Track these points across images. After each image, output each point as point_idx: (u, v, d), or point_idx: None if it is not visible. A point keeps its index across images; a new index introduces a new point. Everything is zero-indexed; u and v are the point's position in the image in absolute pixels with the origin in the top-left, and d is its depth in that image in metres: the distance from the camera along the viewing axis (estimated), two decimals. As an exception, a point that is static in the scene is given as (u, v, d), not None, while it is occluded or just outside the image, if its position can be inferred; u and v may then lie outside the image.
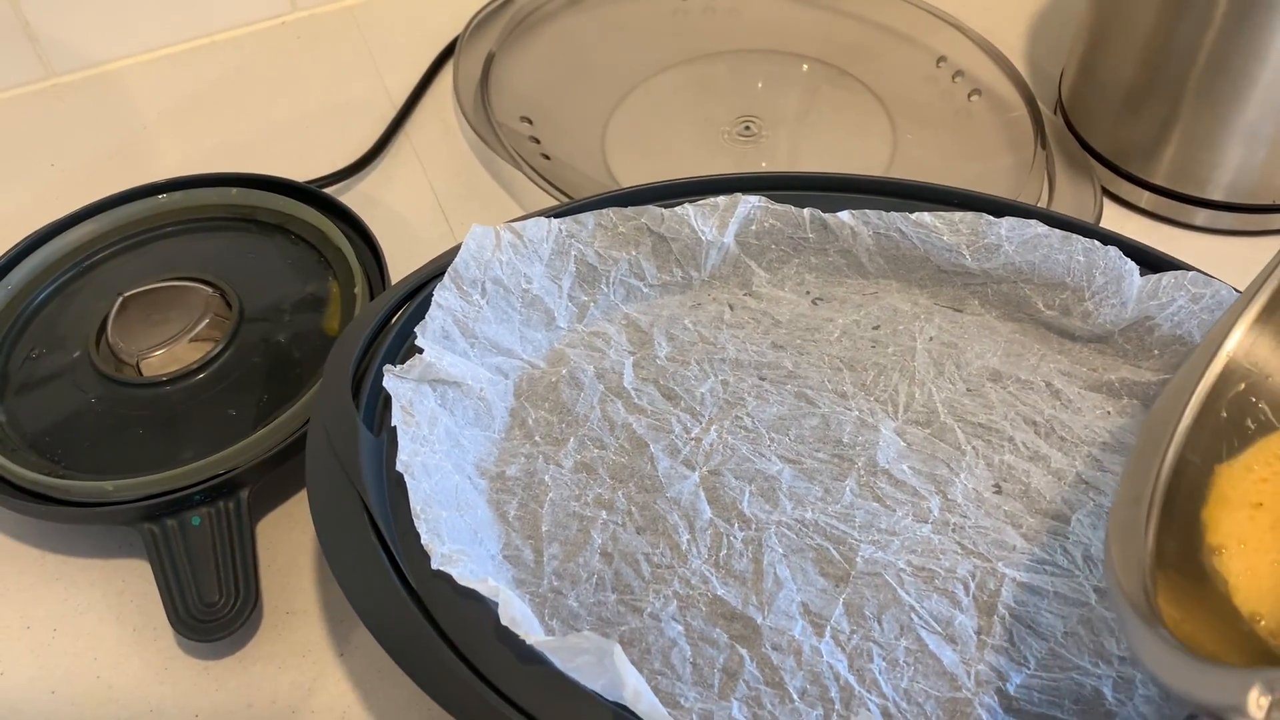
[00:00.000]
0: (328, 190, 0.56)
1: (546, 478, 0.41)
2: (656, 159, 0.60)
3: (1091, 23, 0.57)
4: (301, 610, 0.43)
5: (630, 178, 0.57)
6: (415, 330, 0.41)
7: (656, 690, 0.35)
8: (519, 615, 0.33)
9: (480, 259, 0.43)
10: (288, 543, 0.45)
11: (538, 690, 0.33)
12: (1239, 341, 0.33)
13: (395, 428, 0.38)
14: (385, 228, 0.53)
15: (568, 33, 0.67)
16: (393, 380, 0.39)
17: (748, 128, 0.61)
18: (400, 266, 0.51)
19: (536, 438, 0.42)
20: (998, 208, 0.46)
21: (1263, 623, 0.27)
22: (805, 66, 0.65)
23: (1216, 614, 0.27)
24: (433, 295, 0.42)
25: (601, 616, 0.37)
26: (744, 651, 0.36)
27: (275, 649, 0.42)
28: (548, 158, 0.58)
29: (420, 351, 0.40)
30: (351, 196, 0.58)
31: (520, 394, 0.43)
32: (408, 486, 0.36)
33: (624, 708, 0.32)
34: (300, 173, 0.56)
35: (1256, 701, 0.20)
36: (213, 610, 0.41)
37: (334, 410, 0.38)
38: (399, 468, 0.37)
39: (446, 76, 0.66)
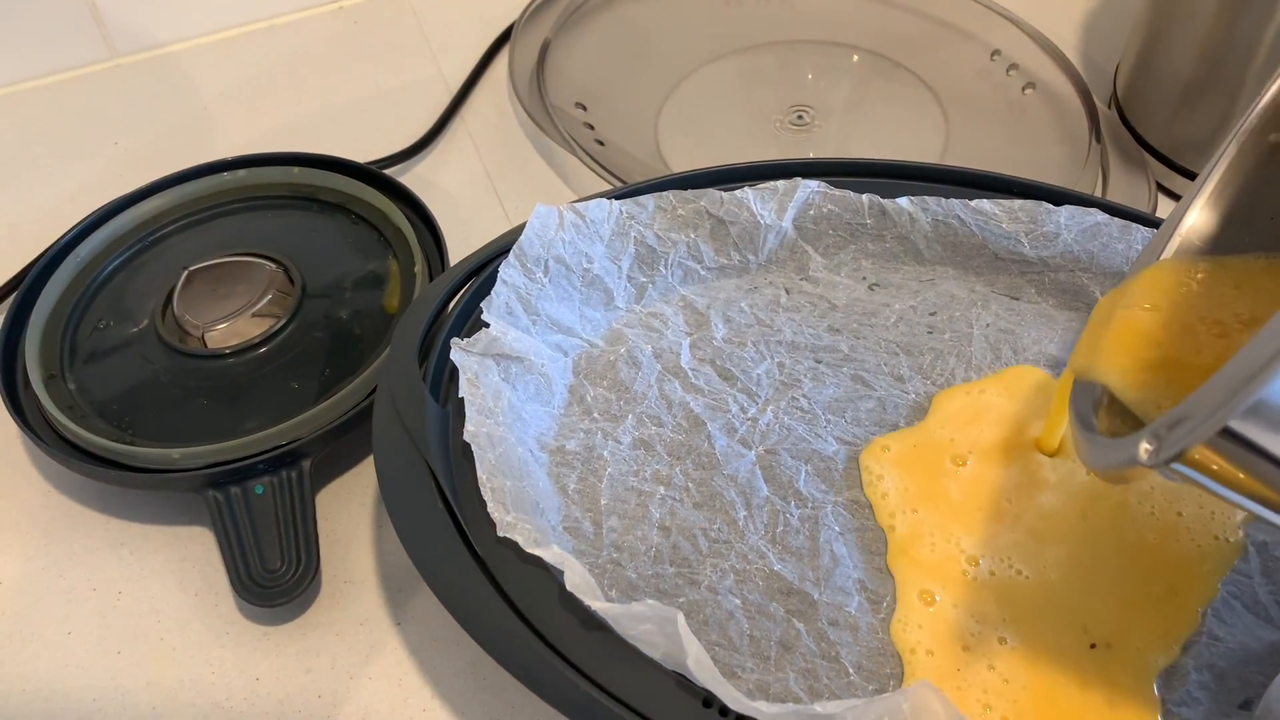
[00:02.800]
0: (386, 172, 0.57)
1: (605, 453, 0.41)
2: (709, 146, 0.61)
3: (1148, 17, 0.57)
4: (359, 580, 0.44)
5: (683, 164, 0.58)
6: (481, 305, 0.42)
7: (714, 660, 0.35)
8: (582, 582, 0.33)
9: (544, 237, 0.44)
10: (346, 514, 0.46)
11: (600, 656, 0.33)
12: (1191, 223, 0.37)
13: (462, 399, 0.38)
14: (441, 209, 0.54)
15: (622, 21, 0.67)
16: (459, 353, 0.40)
17: (800, 117, 0.62)
18: (456, 248, 0.52)
19: (595, 414, 0.43)
20: (1058, 197, 0.47)
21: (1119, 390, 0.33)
22: (856, 57, 0.66)
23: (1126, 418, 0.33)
24: (498, 272, 0.43)
25: (659, 588, 0.38)
26: (800, 626, 0.37)
27: (333, 617, 0.43)
28: (602, 143, 0.59)
29: (486, 326, 0.41)
30: (408, 178, 0.59)
31: (579, 371, 0.44)
32: (474, 456, 0.37)
33: (683, 676, 0.33)
34: (357, 155, 0.57)
35: (1144, 449, 0.26)
36: (274, 576, 0.42)
37: (402, 381, 0.39)
38: (466, 438, 0.37)
39: (502, 62, 0.67)
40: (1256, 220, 0.35)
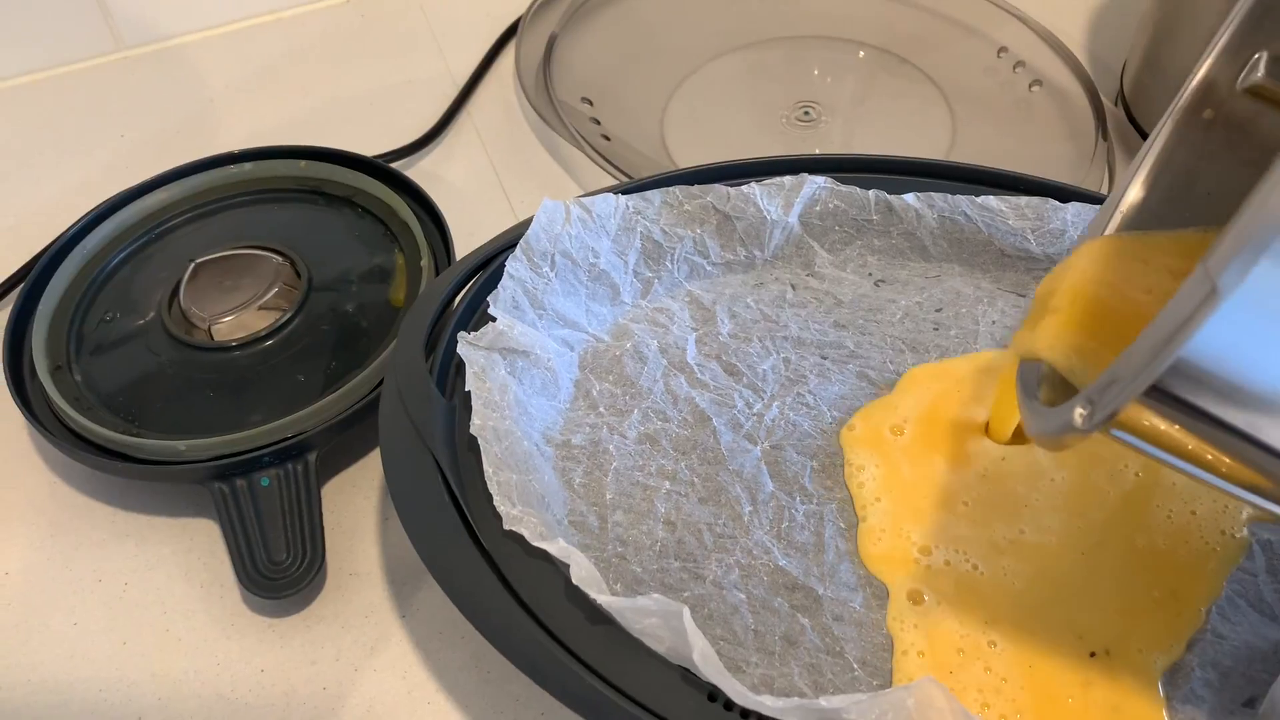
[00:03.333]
0: (392, 166, 0.57)
1: (611, 447, 0.41)
2: (715, 142, 0.61)
3: (1155, 15, 0.57)
4: (364, 572, 0.44)
5: (689, 159, 0.58)
6: (488, 299, 0.42)
7: (719, 655, 0.35)
8: (588, 576, 0.33)
9: (550, 232, 0.44)
10: (351, 507, 0.46)
11: (605, 650, 0.33)
12: (1132, 200, 0.37)
13: (469, 392, 0.39)
14: (447, 204, 0.54)
15: (629, 16, 0.67)
16: (466, 347, 0.40)
17: (807, 113, 0.62)
18: (461, 242, 0.52)
19: (601, 409, 0.43)
20: (1064, 193, 0.47)
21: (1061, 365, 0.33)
22: (863, 54, 0.66)
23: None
24: (505, 266, 0.43)
25: (665, 583, 0.38)
26: (805, 621, 0.37)
27: (338, 609, 0.43)
28: (608, 138, 0.59)
29: (492, 320, 0.41)
30: (414, 173, 0.59)
31: (585, 366, 0.44)
32: (480, 449, 0.37)
33: (689, 670, 0.33)
34: (364, 149, 0.57)
35: (1078, 414, 0.27)
36: (280, 568, 0.42)
37: (408, 374, 0.39)
38: (473, 431, 0.37)
39: (508, 57, 0.67)
40: (1194, 196, 0.36)
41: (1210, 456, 0.27)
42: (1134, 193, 0.37)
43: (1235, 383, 0.24)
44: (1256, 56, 0.34)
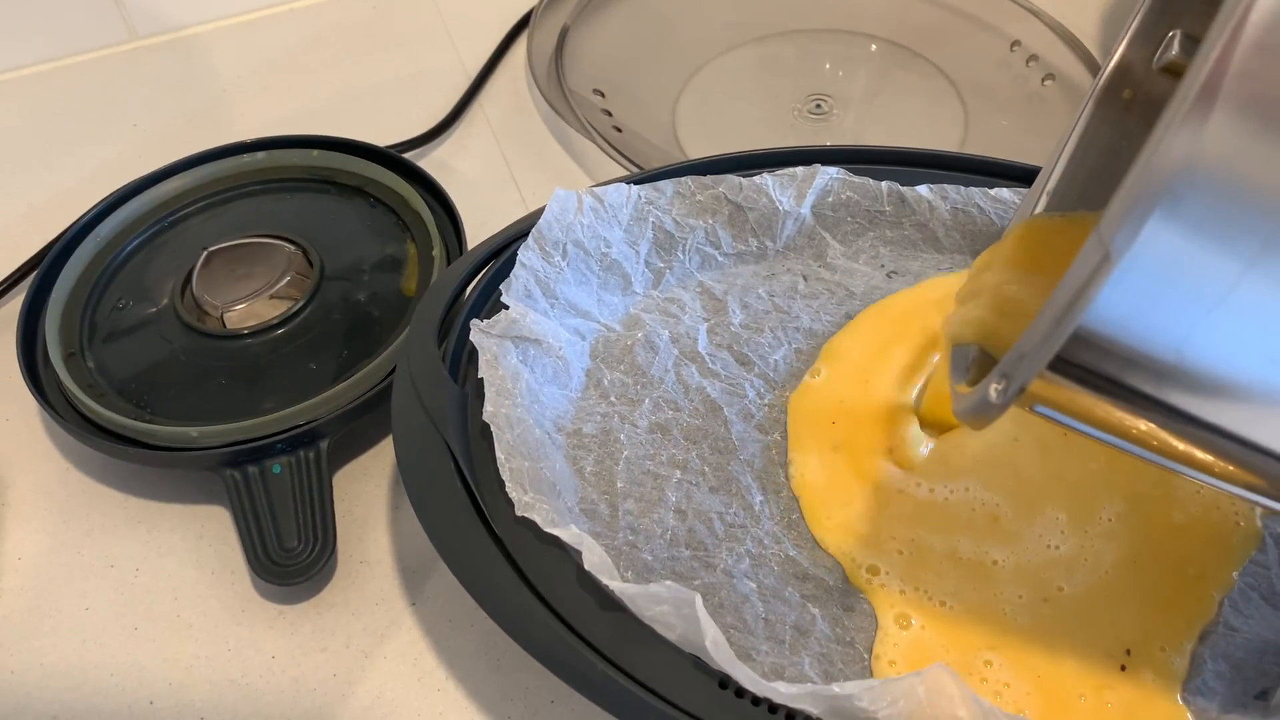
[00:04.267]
0: (404, 156, 0.57)
1: (622, 436, 0.41)
2: (727, 134, 0.61)
3: (1170, 8, 0.57)
4: (375, 560, 0.44)
5: (700, 151, 0.58)
6: (500, 288, 0.42)
7: (730, 643, 0.35)
8: (600, 562, 0.33)
9: (563, 221, 0.44)
10: (362, 495, 0.46)
11: (617, 636, 0.33)
12: (1057, 182, 0.37)
13: (480, 380, 0.39)
14: (458, 194, 0.54)
15: (641, 8, 0.67)
16: (479, 334, 0.40)
17: (819, 106, 0.62)
18: (473, 232, 0.52)
19: (612, 398, 0.43)
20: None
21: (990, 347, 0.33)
22: (875, 47, 0.66)
23: None
24: (517, 255, 0.43)
25: (675, 571, 0.38)
26: (815, 610, 0.37)
27: (349, 596, 0.43)
28: (619, 130, 0.59)
29: (505, 308, 0.41)
30: (426, 163, 0.59)
31: (596, 355, 0.44)
32: (493, 436, 0.37)
33: (700, 658, 0.33)
34: (376, 139, 0.57)
35: (994, 390, 0.27)
36: (291, 555, 0.42)
37: (421, 361, 0.39)
38: (485, 418, 0.37)
39: (520, 49, 0.67)
40: (1118, 174, 0.36)
41: (1129, 425, 0.27)
42: (1059, 174, 0.37)
43: (1138, 347, 0.24)
44: (1171, 35, 0.35)
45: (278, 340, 0.48)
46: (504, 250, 0.44)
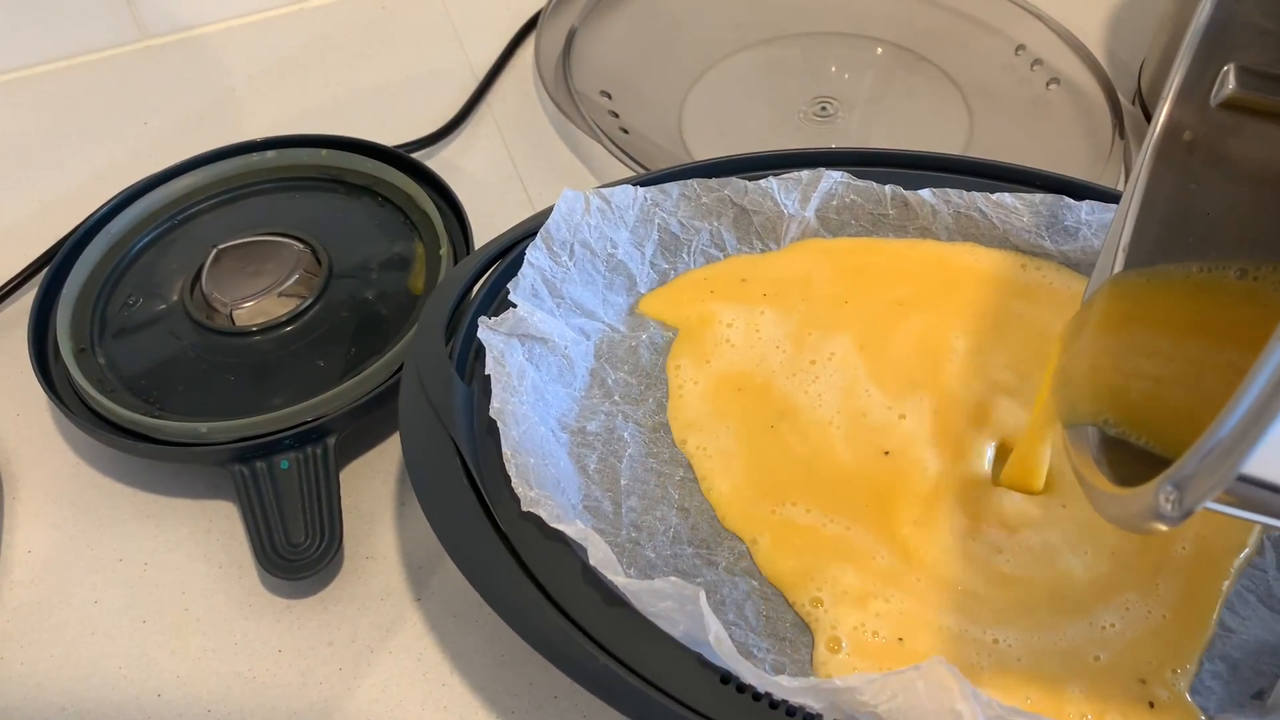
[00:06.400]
0: (413, 156, 0.57)
1: (625, 435, 0.42)
2: (733, 136, 0.61)
3: (1174, 13, 0.57)
4: (381, 556, 0.45)
5: (706, 153, 0.58)
6: (508, 286, 0.42)
7: (731, 639, 0.36)
8: (605, 558, 0.34)
9: (570, 222, 0.44)
10: (369, 491, 0.47)
11: (621, 632, 0.34)
12: (1130, 236, 0.36)
13: (488, 376, 0.39)
14: (466, 194, 0.54)
15: (649, 10, 0.68)
16: (486, 331, 0.40)
17: (824, 109, 0.62)
18: (480, 232, 0.53)
19: (616, 397, 0.43)
20: (1080, 191, 0.47)
21: (1113, 427, 0.31)
22: (880, 50, 0.66)
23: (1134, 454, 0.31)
24: (525, 254, 0.43)
25: (678, 568, 0.38)
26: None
27: (355, 591, 0.44)
28: (626, 131, 0.59)
29: (513, 306, 0.42)
30: (434, 163, 0.60)
31: (600, 355, 0.45)
32: (500, 433, 0.37)
33: (703, 654, 0.33)
34: (384, 139, 0.57)
35: (1166, 500, 0.24)
36: (298, 550, 0.42)
37: (428, 357, 0.40)
38: (492, 414, 0.38)
39: (528, 50, 0.67)
40: (1193, 219, 0.35)
41: None
42: (1131, 227, 0.36)
43: None
44: (1225, 69, 0.34)
45: (286, 337, 0.48)
46: (510, 250, 0.45)
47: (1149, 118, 0.60)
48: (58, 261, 0.51)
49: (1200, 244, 0.35)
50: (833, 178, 0.47)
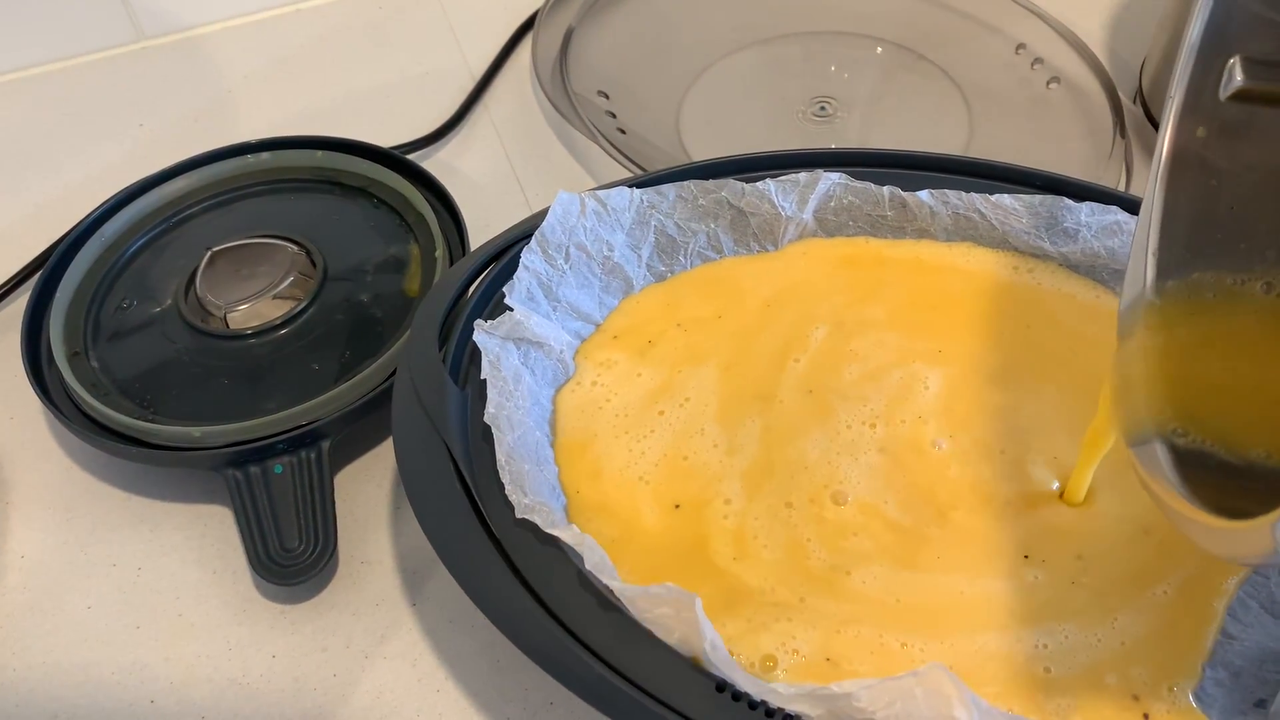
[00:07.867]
0: (408, 157, 0.57)
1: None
2: (731, 136, 0.61)
3: (1175, 12, 0.57)
4: (376, 561, 0.44)
5: (704, 153, 0.58)
6: (504, 289, 0.42)
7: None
8: (601, 563, 0.34)
9: (565, 224, 0.44)
10: (363, 496, 0.46)
11: (616, 639, 0.33)
12: (1157, 243, 0.36)
13: (483, 382, 0.39)
14: (462, 195, 0.54)
15: (646, 10, 0.67)
16: (482, 335, 0.40)
17: (823, 108, 0.62)
18: (476, 233, 0.52)
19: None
20: (1080, 191, 0.46)
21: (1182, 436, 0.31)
22: (880, 50, 0.66)
23: (1226, 474, 0.30)
24: (520, 257, 0.43)
25: (674, 574, 0.38)
26: (815, 615, 0.37)
27: (349, 597, 0.43)
28: (623, 132, 0.59)
29: (509, 310, 0.41)
30: (430, 164, 0.59)
31: (597, 358, 0.44)
32: (494, 438, 0.37)
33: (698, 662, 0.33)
34: (380, 140, 0.57)
35: None
36: (292, 555, 0.42)
37: (422, 362, 0.40)
38: (486, 419, 0.38)
39: (525, 50, 0.67)
40: (1218, 215, 0.35)
41: None
42: (1157, 232, 0.36)
43: None
44: (1231, 62, 0.33)
45: (280, 340, 0.48)
46: (506, 252, 0.44)
47: (1150, 117, 0.60)
48: (51, 264, 0.51)
49: (1229, 239, 0.34)
50: (830, 179, 0.47)
